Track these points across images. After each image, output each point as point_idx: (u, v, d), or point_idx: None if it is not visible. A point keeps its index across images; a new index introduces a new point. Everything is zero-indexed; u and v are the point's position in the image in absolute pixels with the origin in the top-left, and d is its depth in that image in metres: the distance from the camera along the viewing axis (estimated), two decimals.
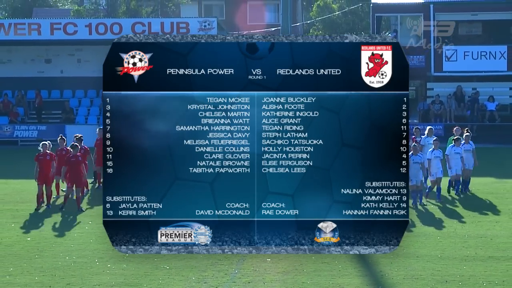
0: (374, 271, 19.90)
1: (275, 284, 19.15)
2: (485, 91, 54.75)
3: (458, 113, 53.50)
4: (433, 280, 19.23)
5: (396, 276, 19.53)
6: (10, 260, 21.64)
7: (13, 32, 55.95)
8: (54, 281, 19.50)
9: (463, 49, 55.73)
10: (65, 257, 21.78)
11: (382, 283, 19.15)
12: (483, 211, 28.22)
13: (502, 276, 19.65)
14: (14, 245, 23.63)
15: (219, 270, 20.16)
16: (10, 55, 59.13)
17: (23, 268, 20.79)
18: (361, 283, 19.17)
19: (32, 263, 21.35)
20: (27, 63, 58.86)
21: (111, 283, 19.28)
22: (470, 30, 59.40)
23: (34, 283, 19.33)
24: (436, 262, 20.86)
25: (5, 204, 30.30)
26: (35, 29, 56.12)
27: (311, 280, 19.36)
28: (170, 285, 19.12)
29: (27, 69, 58.53)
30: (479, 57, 55.63)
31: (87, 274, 20.05)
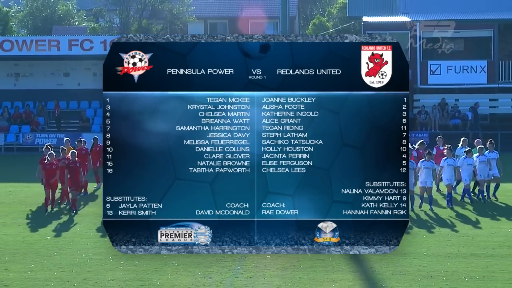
0: (365, 267, 19.61)
1: (274, 279, 18.86)
2: (467, 102, 54.40)
3: (441, 122, 52.95)
4: (419, 276, 18.96)
5: (385, 272, 19.24)
6: (31, 257, 21.27)
7: (34, 48, 56.07)
8: (72, 276, 19.23)
9: (447, 63, 55.34)
10: (81, 254, 21.48)
11: (372, 278, 18.88)
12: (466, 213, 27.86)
13: (483, 272, 19.37)
14: (35, 244, 23.26)
15: (223, 266, 19.79)
16: (32, 69, 58.95)
17: (43, 264, 20.48)
18: (353, 278, 18.88)
19: (52, 260, 21.07)
20: (47, 76, 58.66)
21: (124, 278, 18.93)
22: (453, 46, 58.63)
23: (53, 278, 19.02)
24: (422, 259, 20.60)
25: (27, 205, 29.79)
26: (55, 45, 55.98)
27: (307, 275, 19.06)
28: (178, 280, 18.78)
29: (47, 82, 58.35)
30: (461, 71, 55.39)
31: (102, 270, 19.73)
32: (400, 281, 18.46)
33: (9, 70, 58.88)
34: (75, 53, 55.36)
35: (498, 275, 19.03)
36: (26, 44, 56.11)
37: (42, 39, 57.91)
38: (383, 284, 18.33)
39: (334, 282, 18.51)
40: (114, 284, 18.54)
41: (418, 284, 18.27)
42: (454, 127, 52.76)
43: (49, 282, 18.72)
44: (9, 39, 58.66)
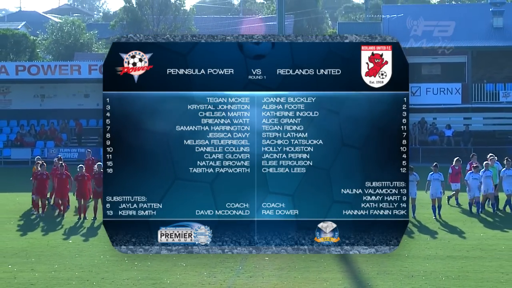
0: (353, 267, 19.05)
1: (272, 278, 18.27)
2: (443, 120, 53.91)
3: (421, 138, 52.26)
4: (401, 275, 18.41)
5: (371, 272, 18.67)
6: (55, 259, 20.73)
7: (58, 72, 56.31)
8: (91, 276, 18.72)
9: (426, 86, 54.90)
10: (100, 256, 20.90)
11: (359, 277, 18.38)
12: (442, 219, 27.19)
13: (458, 272, 18.90)
14: (59, 247, 22.75)
15: (226, 266, 19.16)
16: (56, 91, 58.91)
17: (65, 265, 19.98)
18: (342, 277, 18.31)
19: (73, 261, 20.55)
20: (69, 97, 58.46)
21: (138, 277, 18.34)
22: (431, 70, 58.15)
23: (74, 278, 18.58)
24: (403, 260, 19.99)
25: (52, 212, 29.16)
26: (76, 69, 55.72)
27: (302, 275, 18.46)
28: (186, 279, 18.22)
29: (69, 102, 58.04)
30: (439, 92, 55.12)
31: (118, 270, 19.12)
32: (384, 280, 18.00)
33: (35, 92, 58.67)
34: (94, 76, 54.63)
35: (471, 274, 18.65)
36: (51, 68, 56.02)
37: (65, 64, 57.69)
38: (369, 282, 17.87)
39: (325, 281, 18.04)
40: (129, 282, 18.06)
41: (400, 282, 17.84)
42: (433, 142, 52.22)
43: (71, 281, 18.30)
44: (35, 64, 58.44)
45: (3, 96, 60.09)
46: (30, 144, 55.31)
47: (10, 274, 19.03)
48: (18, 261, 20.60)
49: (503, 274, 18.57)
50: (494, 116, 56.02)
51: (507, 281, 17.80)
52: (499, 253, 21.18)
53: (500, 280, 17.99)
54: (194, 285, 17.76)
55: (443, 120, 53.89)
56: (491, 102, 56.06)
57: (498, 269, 19.21)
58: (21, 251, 22.10)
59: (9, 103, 59.85)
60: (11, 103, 59.82)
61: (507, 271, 18.87)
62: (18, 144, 55.58)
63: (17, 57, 71.34)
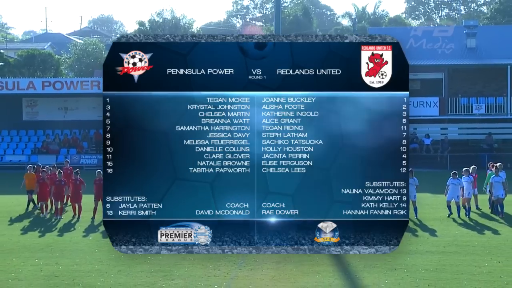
0: (343, 261, 19.18)
1: (270, 271, 18.31)
2: (423, 130, 53.81)
3: None
4: (385, 268, 18.59)
5: (359, 265, 18.84)
6: (76, 254, 21.09)
7: (80, 87, 57.73)
8: (109, 269, 18.82)
9: None
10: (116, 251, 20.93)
11: (348, 270, 18.46)
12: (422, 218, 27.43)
13: (436, 265, 19.12)
14: (80, 243, 23.27)
15: (229, 260, 19.33)
16: (78, 104, 59.59)
17: (86, 259, 20.27)
18: (333, 270, 18.40)
19: (93, 255, 20.82)
20: (90, 109, 58.76)
21: (150, 270, 18.37)
22: (411, 86, 56.97)
23: (94, 270, 18.70)
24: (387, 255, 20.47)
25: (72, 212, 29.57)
26: (96, 85, 56.10)
27: (297, 268, 18.64)
28: (193, 271, 18.24)
29: (90, 114, 58.53)
30: (418, 105, 55.27)
31: (133, 264, 19.19)
32: (370, 272, 18.09)
33: (59, 105, 59.41)
34: None
35: (447, 268, 18.80)
36: (73, 84, 56.41)
37: (86, 80, 58.41)
38: (357, 275, 17.92)
39: (317, 273, 18.02)
40: (142, 275, 17.95)
41: (384, 274, 17.89)
42: (413, 150, 51.77)
43: (91, 273, 18.35)
44: (60, 80, 59.07)
45: (31, 108, 60.91)
46: (55, 151, 56.48)
47: (37, 267, 19.17)
48: (44, 256, 20.82)
49: (476, 267, 18.74)
50: (468, 126, 56.42)
51: (479, 274, 17.98)
52: (472, 249, 21.51)
53: (473, 272, 18.15)
54: (201, 277, 17.67)
55: (423, 130, 54.13)
56: (465, 114, 56.52)
57: (471, 263, 19.40)
58: (46, 247, 22.38)
59: (36, 115, 60.75)
60: (38, 115, 60.79)
61: (479, 265, 19.04)
62: (44, 151, 57.32)
63: (43, 74, 71.69)
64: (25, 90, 57.78)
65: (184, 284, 16.97)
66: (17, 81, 58.89)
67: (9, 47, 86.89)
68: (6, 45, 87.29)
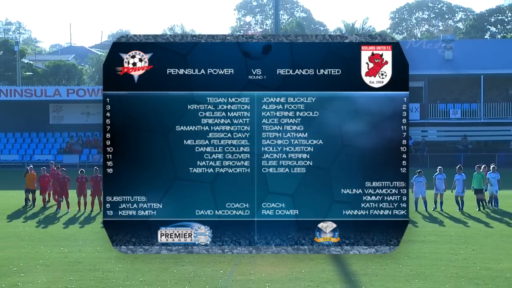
0: None
1: (269, 257, 17.44)
2: None
3: None
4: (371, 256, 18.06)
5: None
6: (98, 242, 20.70)
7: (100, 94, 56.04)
8: (127, 256, 17.70)
9: None
10: None
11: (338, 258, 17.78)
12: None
13: (417, 253, 18.72)
14: (101, 232, 22.26)
15: None
16: (98, 109, 59.19)
17: (106, 247, 19.70)
18: (325, 257, 17.72)
19: None
20: None
21: (163, 257, 17.22)
22: None
23: (113, 257, 18.12)
24: None
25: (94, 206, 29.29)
26: None
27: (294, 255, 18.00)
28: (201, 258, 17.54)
29: None
30: None
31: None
32: (358, 259, 17.50)
33: (82, 110, 58.97)
34: None
35: (427, 255, 18.51)
36: (94, 91, 56.02)
37: None
38: (347, 261, 17.44)
39: (312, 260, 17.48)
40: (156, 261, 17.39)
41: (371, 261, 17.36)
42: None
43: (110, 260, 17.91)
44: (82, 88, 58.83)
45: (56, 113, 61.10)
46: (78, 151, 56.46)
47: (62, 254, 18.94)
48: (68, 244, 20.62)
49: (453, 255, 18.54)
50: (446, 129, 56.40)
51: (456, 260, 17.79)
52: (449, 238, 21.37)
53: (451, 259, 17.91)
54: (208, 263, 17.19)
55: None
56: (443, 118, 56.34)
57: (449, 250, 19.17)
58: (70, 236, 22.29)
59: (62, 119, 61.01)
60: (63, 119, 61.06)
61: (456, 252, 18.88)
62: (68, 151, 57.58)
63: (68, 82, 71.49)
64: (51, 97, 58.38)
65: (193, 269, 16.45)
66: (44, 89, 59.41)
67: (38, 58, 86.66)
68: (35, 57, 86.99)
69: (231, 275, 16.19)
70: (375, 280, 15.43)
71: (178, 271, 16.25)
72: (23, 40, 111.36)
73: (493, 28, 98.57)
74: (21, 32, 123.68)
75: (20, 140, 60.04)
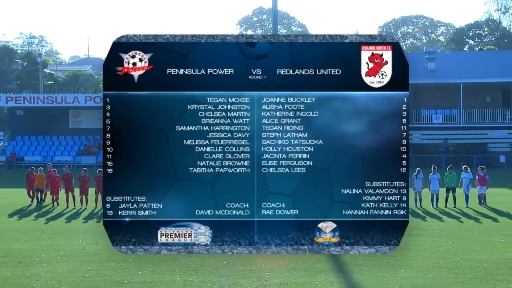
0: None
1: None
2: None
3: None
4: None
5: None
6: None
7: None
8: None
9: None
10: None
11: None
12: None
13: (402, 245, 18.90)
14: None
15: None
16: None
17: None
18: None
19: None
20: None
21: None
22: None
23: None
24: None
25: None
26: None
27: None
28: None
29: None
30: None
31: None
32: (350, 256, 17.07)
33: (99, 115, 57.79)
34: None
35: (412, 247, 18.32)
36: None
37: None
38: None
39: None
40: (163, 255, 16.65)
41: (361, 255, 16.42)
42: None
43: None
44: (99, 95, 59.19)
45: (75, 118, 61.03)
46: (95, 153, 56.86)
47: (80, 246, 18.73)
48: (86, 237, 20.45)
49: (435, 247, 18.42)
50: (428, 133, 56.81)
51: (438, 252, 17.69)
52: (432, 232, 21.32)
53: (433, 251, 17.82)
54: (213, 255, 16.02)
55: None
56: (426, 123, 56.49)
57: (431, 243, 19.07)
58: (88, 230, 22.16)
59: (80, 123, 60.95)
60: (81, 124, 61.01)
61: (437, 245, 18.76)
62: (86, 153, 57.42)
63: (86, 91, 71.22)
64: (71, 104, 58.46)
65: (199, 260, 16.05)
66: (64, 96, 59.43)
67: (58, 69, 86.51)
68: (56, 68, 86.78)
69: (233, 265, 15.75)
70: (365, 270, 15.16)
71: (185, 262, 15.86)
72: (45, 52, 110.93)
73: (471, 41, 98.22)
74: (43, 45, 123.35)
75: (42, 142, 59.97)
